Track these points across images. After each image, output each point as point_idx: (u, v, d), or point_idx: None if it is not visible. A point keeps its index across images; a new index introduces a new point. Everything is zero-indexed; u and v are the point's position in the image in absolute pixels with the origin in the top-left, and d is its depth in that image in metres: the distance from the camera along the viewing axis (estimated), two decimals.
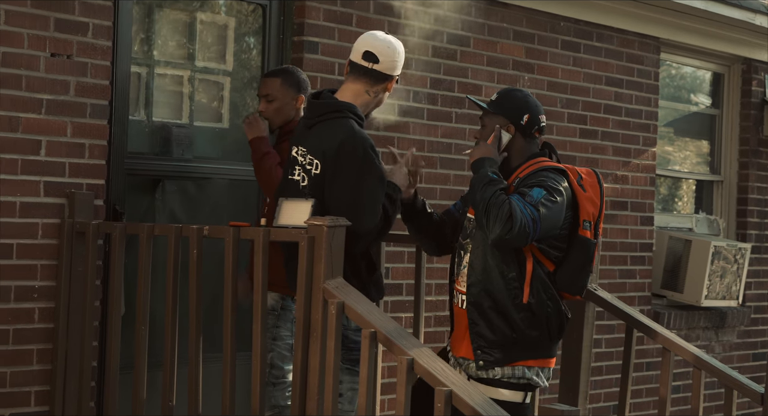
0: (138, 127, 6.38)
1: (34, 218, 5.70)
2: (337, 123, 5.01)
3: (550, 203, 4.87)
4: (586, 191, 5.05)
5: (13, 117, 5.63)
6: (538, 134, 5.15)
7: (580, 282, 5.06)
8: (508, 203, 4.79)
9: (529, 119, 5.11)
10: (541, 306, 4.96)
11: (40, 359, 5.72)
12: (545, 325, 4.98)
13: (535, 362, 5.03)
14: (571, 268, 5.02)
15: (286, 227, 4.89)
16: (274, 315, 5.65)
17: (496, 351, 4.98)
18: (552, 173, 5.01)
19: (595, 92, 8.59)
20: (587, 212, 5.02)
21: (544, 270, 4.98)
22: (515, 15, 7.99)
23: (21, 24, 5.64)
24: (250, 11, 6.85)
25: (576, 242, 5.02)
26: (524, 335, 4.96)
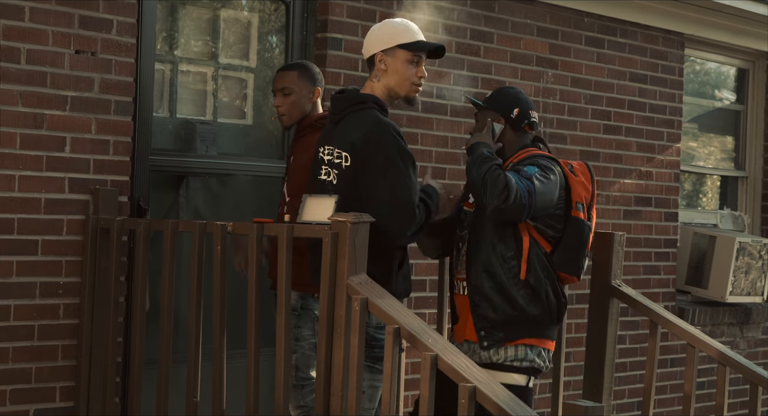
0: (162, 123, 6.39)
1: (59, 215, 5.72)
2: (360, 115, 5.05)
3: (544, 178, 5.11)
4: (577, 176, 5.28)
5: (38, 114, 5.65)
6: (529, 128, 5.39)
7: (576, 262, 5.26)
8: (503, 176, 5.01)
9: (519, 113, 5.36)
10: (540, 283, 5.15)
11: (65, 355, 5.74)
12: (545, 303, 5.17)
13: (537, 341, 5.20)
14: (567, 248, 5.23)
15: (309, 224, 4.89)
16: (295, 314, 5.60)
17: (498, 330, 5.17)
18: (543, 158, 5.25)
19: (619, 88, 8.56)
20: (579, 195, 5.26)
21: (542, 250, 5.19)
22: (539, 11, 7.98)
23: (45, 21, 5.66)
24: (273, 9, 6.86)
25: (570, 222, 5.24)
26: (525, 312, 5.16)
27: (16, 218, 5.58)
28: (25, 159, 5.61)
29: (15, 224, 5.58)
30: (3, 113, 5.54)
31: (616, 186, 8.52)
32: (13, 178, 5.57)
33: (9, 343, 5.57)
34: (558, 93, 8.12)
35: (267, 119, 6.83)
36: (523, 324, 5.17)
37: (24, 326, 5.62)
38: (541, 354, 5.22)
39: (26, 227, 5.62)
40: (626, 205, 8.60)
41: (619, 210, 8.54)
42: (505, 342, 5.18)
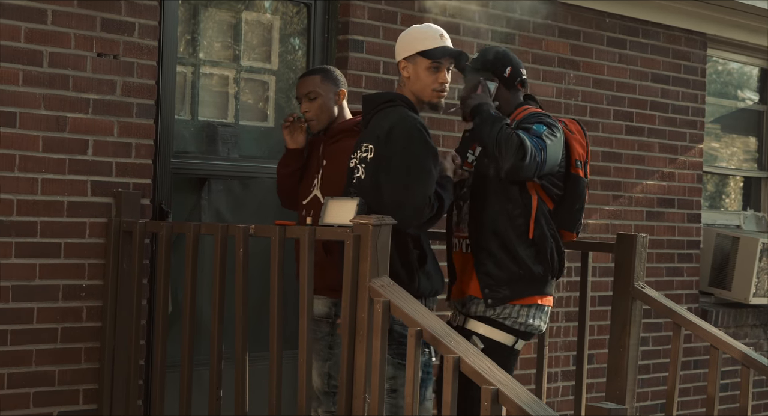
0: (184, 126, 6.40)
1: (82, 218, 5.73)
2: (388, 111, 5.11)
3: (552, 136, 5.20)
4: (573, 133, 5.38)
5: (61, 117, 5.66)
6: (521, 86, 5.47)
7: (576, 219, 5.41)
8: (516, 135, 5.07)
9: (511, 71, 5.43)
10: (545, 242, 5.25)
11: (88, 357, 5.76)
12: (549, 260, 5.27)
13: (540, 298, 5.30)
14: (568, 205, 5.36)
15: (331, 226, 4.89)
16: (329, 322, 5.56)
17: (504, 288, 5.25)
18: (545, 116, 5.31)
19: (642, 89, 8.53)
20: (577, 152, 5.37)
21: (546, 208, 5.29)
22: (561, 12, 7.96)
23: (68, 24, 5.67)
24: (295, 11, 6.86)
25: (571, 180, 5.35)
26: (531, 271, 5.24)
27: (38, 221, 5.60)
28: (47, 162, 5.62)
29: (38, 227, 5.60)
30: (26, 116, 5.55)
31: (639, 187, 8.49)
32: (36, 181, 5.59)
33: (32, 346, 5.59)
34: (580, 94, 8.10)
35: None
36: (528, 282, 5.26)
37: (47, 329, 5.63)
38: (540, 316, 5.30)
39: (49, 230, 5.63)
40: (649, 206, 8.57)
41: (641, 211, 8.51)
42: (509, 300, 5.26)
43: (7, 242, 5.51)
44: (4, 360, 5.50)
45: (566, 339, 7.89)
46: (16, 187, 5.53)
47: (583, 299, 6.26)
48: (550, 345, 7.67)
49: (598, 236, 8.16)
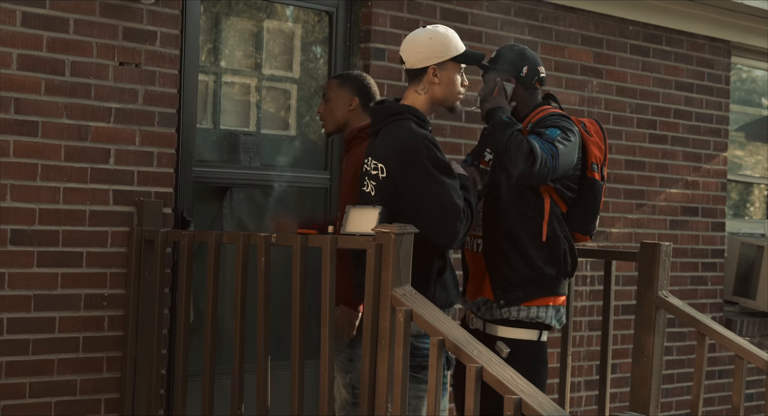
0: (205, 135, 6.40)
1: (104, 227, 5.74)
2: (395, 126, 5.01)
3: (566, 141, 5.17)
4: (591, 135, 5.35)
5: (83, 126, 5.67)
6: (539, 84, 5.45)
7: (590, 222, 5.39)
8: (527, 141, 5.07)
9: (528, 71, 5.40)
10: (558, 244, 5.25)
11: (109, 367, 5.75)
12: (562, 262, 5.28)
13: (553, 299, 5.30)
14: (583, 208, 5.34)
15: (353, 235, 4.88)
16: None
17: (516, 289, 5.25)
18: (561, 118, 5.29)
19: (665, 97, 8.50)
20: (594, 155, 5.33)
21: (559, 210, 5.28)
22: (583, 20, 7.94)
23: (90, 33, 5.68)
24: (317, 20, 6.86)
25: (586, 183, 5.33)
26: (543, 272, 5.26)
27: (60, 230, 5.60)
28: (69, 171, 5.63)
29: (60, 236, 5.60)
30: (48, 125, 5.56)
31: (662, 196, 8.45)
32: (58, 190, 5.59)
33: (54, 355, 5.59)
34: (603, 102, 8.07)
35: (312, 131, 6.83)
36: (540, 284, 5.27)
37: (69, 338, 5.64)
38: (554, 314, 5.31)
39: (71, 239, 5.63)
40: (673, 215, 8.53)
41: (665, 220, 8.47)
42: (522, 302, 5.26)
43: (29, 251, 5.51)
44: (26, 369, 5.51)
45: (589, 348, 7.86)
46: (38, 196, 5.54)
47: (607, 308, 6.23)
48: (574, 354, 7.64)
49: (621, 245, 8.13)
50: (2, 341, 5.45)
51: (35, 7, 5.51)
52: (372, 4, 6.80)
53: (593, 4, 7.90)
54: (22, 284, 5.50)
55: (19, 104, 5.48)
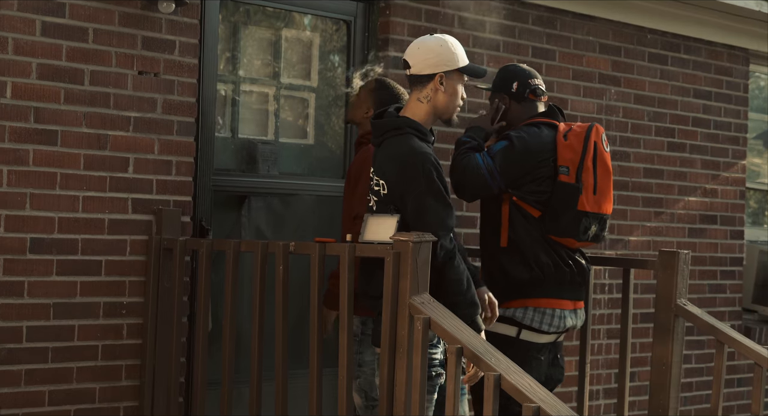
0: (224, 144, 6.42)
1: (123, 235, 5.75)
2: (395, 141, 4.96)
3: (510, 151, 5.38)
4: (567, 140, 5.47)
5: (102, 135, 5.69)
6: (533, 96, 5.61)
7: (563, 225, 5.43)
8: (465, 159, 5.38)
9: (518, 86, 5.61)
10: (527, 248, 5.39)
11: (128, 375, 5.77)
12: (536, 265, 5.39)
13: (533, 302, 5.42)
14: (554, 211, 5.43)
15: (371, 243, 4.88)
16: (356, 340, 5.56)
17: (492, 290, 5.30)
18: (532, 126, 5.50)
19: (683, 105, 8.49)
20: (564, 158, 5.45)
21: (526, 215, 5.42)
22: (601, 28, 7.93)
23: (109, 42, 5.70)
24: (335, 28, 6.87)
25: (557, 186, 5.43)
26: (511, 276, 5.41)
27: (80, 239, 5.62)
28: (89, 180, 5.64)
29: (79, 245, 5.62)
30: (67, 134, 5.58)
31: (681, 204, 8.44)
32: (77, 198, 5.61)
33: (73, 363, 5.60)
34: (621, 110, 8.06)
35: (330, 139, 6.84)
36: (512, 288, 5.41)
37: (88, 346, 5.65)
38: (534, 316, 5.41)
39: (90, 247, 5.65)
40: (691, 223, 8.51)
41: (683, 228, 8.45)
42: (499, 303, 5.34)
43: (48, 260, 5.53)
44: (46, 377, 5.53)
45: (608, 356, 7.84)
46: (57, 205, 5.56)
47: (625, 317, 6.22)
48: (592, 362, 7.63)
49: (639, 253, 8.12)
50: (22, 349, 5.47)
51: (55, 16, 5.54)
52: (390, 13, 6.81)
53: (611, 12, 7.89)
54: (41, 293, 5.52)
55: (38, 113, 5.50)
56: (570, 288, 5.52)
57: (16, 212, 5.45)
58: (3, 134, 5.40)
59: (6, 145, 5.41)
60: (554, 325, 5.45)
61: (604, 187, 5.51)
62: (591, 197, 5.46)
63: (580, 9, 7.72)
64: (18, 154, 5.45)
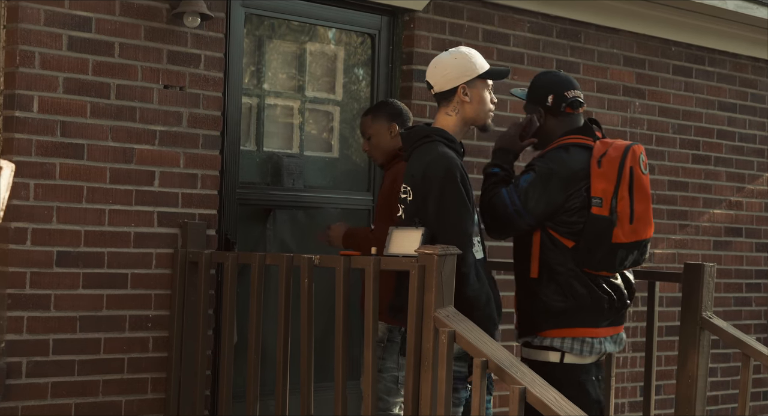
0: (249, 157, 6.43)
1: (148, 248, 5.77)
2: (424, 148, 4.98)
3: (536, 187, 5.12)
4: (601, 167, 5.16)
5: (128, 148, 5.71)
6: (570, 109, 5.31)
7: (596, 257, 5.17)
8: (493, 196, 5.17)
9: (554, 99, 5.29)
10: (563, 277, 5.17)
11: (154, 387, 5.78)
12: (571, 295, 5.18)
13: (568, 332, 5.21)
14: (585, 243, 5.17)
15: (396, 256, 4.88)
16: (380, 346, 5.59)
17: (527, 321, 5.25)
18: (561, 150, 5.20)
19: (708, 117, 8.47)
20: (596, 189, 5.15)
21: (559, 245, 5.18)
22: (625, 40, 7.93)
23: (135, 57, 5.73)
24: (359, 42, 6.89)
25: (588, 220, 5.16)
26: (548, 306, 5.20)
27: (106, 252, 5.65)
28: (115, 193, 5.67)
29: (105, 258, 5.64)
30: (93, 148, 5.61)
31: (706, 216, 8.42)
32: (104, 212, 5.64)
33: (99, 376, 5.62)
34: (645, 123, 8.05)
35: (355, 152, 6.86)
36: (549, 317, 5.21)
37: (114, 359, 5.67)
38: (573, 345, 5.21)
39: (116, 260, 5.67)
40: (716, 235, 8.49)
41: (709, 241, 8.43)
42: (535, 333, 5.24)
43: (74, 273, 5.56)
44: (72, 390, 5.54)
45: (633, 369, 7.82)
46: (83, 218, 5.58)
47: (650, 330, 6.20)
48: (617, 375, 7.61)
49: (665, 266, 8.09)
50: (48, 361, 5.49)
51: (81, 31, 5.57)
52: (414, 27, 6.82)
53: (636, 24, 7.89)
54: (67, 306, 5.54)
55: (65, 127, 5.53)
56: (609, 316, 5.31)
57: (42, 226, 5.47)
58: (30, 148, 5.44)
59: (33, 159, 5.45)
60: (595, 351, 5.27)
61: (642, 213, 5.22)
62: (627, 227, 5.19)
63: (605, 22, 7.72)
64: (44, 168, 5.48)
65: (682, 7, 7.94)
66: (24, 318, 5.43)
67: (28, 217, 5.44)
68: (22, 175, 5.38)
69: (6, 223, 5.35)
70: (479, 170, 7.06)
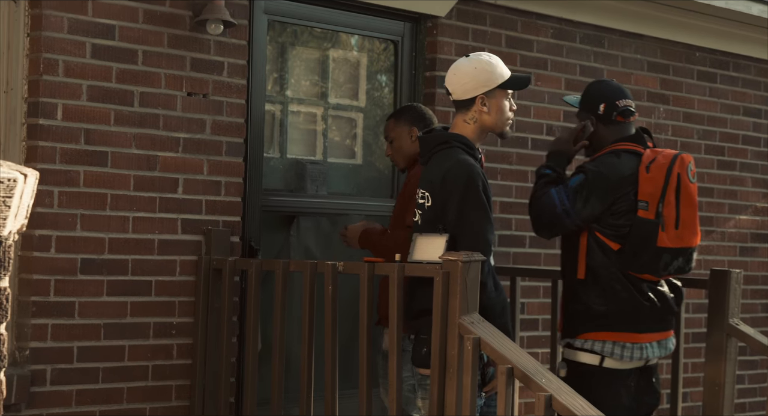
0: (272, 164, 6.43)
1: (172, 256, 5.77)
2: (443, 154, 4.95)
3: (585, 189, 5.20)
4: (649, 172, 5.24)
5: (152, 156, 5.72)
6: (621, 118, 5.39)
7: (642, 262, 5.23)
8: (543, 195, 5.25)
9: (605, 108, 5.38)
10: (606, 281, 5.23)
11: (178, 395, 5.78)
12: (613, 299, 5.23)
13: (609, 335, 5.26)
14: (631, 246, 5.23)
15: (420, 263, 4.87)
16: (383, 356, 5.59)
17: (570, 324, 5.30)
18: (612, 155, 5.29)
19: (733, 123, 8.43)
20: (644, 192, 5.23)
21: (605, 247, 5.25)
22: (650, 46, 7.90)
23: (158, 64, 5.73)
24: (382, 48, 6.88)
25: (635, 223, 5.23)
26: (591, 308, 5.26)
27: (130, 259, 5.65)
28: (138, 201, 5.67)
29: (129, 265, 5.65)
30: (117, 155, 5.61)
31: (732, 223, 8.37)
32: (127, 219, 5.64)
33: (123, 383, 5.62)
34: (670, 129, 8.02)
35: (378, 159, 6.85)
36: (590, 319, 5.26)
37: (138, 366, 5.67)
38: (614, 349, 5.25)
39: (140, 268, 5.68)
40: (742, 242, 8.44)
41: (734, 247, 8.38)
42: (577, 335, 5.30)
43: (98, 280, 5.56)
44: (97, 397, 5.55)
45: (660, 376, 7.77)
46: (107, 225, 5.59)
47: (677, 337, 6.16)
48: None
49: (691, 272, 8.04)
50: (73, 369, 5.49)
51: (104, 39, 5.58)
52: (437, 33, 6.81)
53: (660, 30, 7.86)
54: (92, 313, 5.54)
55: (89, 135, 5.54)
56: (650, 322, 5.33)
57: (66, 233, 5.48)
58: (54, 156, 5.44)
59: (57, 166, 5.45)
60: (635, 356, 5.30)
61: (688, 220, 5.28)
62: (672, 232, 5.24)
63: (628, 27, 7.69)
64: (69, 175, 5.48)
65: (707, 12, 7.90)
66: (48, 325, 5.43)
67: (53, 224, 5.44)
68: (46, 182, 5.39)
69: (30, 230, 5.36)
70: (503, 176, 7.05)
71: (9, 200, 2.45)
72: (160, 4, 5.74)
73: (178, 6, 5.79)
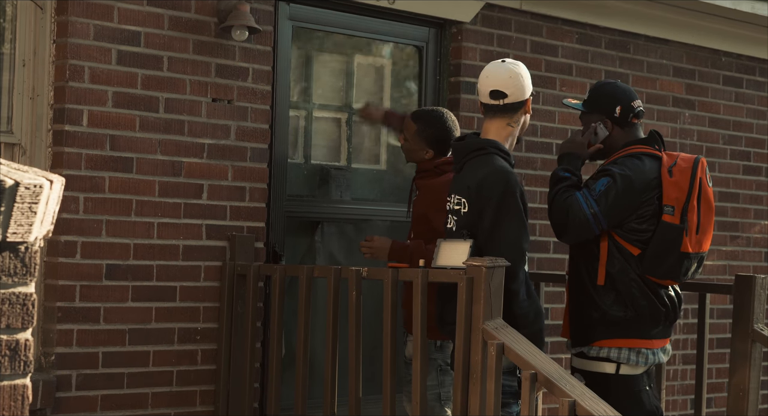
0: (297, 170, 6.44)
1: (197, 261, 5.79)
2: (480, 160, 4.95)
3: (615, 192, 5.09)
4: (672, 176, 5.17)
5: (176, 162, 5.74)
6: (636, 120, 5.33)
7: (665, 266, 5.15)
8: (568, 198, 5.10)
9: (622, 110, 5.29)
10: (625, 287, 5.14)
11: (203, 400, 5.79)
12: (631, 305, 5.16)
13: (625, 342, 5.18)
14: (653, 251, 5.15)
15: (444, 268, 4.87)
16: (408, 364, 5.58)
17: (583, 330, 5.21)
18: (634, 158, 5.20)
19: (759, 128, 8.40)
20: (669, 197, 5.15)
21: (624, 252, 5.16)
22: (675, 51, 7.88)
23: (183, 70, 5.76)
24: (407, 54, 6.89)
25: (660, 225, 5.15)
26: (608, 315, 5.16)
27: (154, 265, 5.67)
28: (163, 206, 5.69)
29: (154, 271, 5.67)
30: (142, 161, 5.64)
31: (757, 228, 8.34)
32: (152, 225, 5.66)
33: (148, 389, 5.64)
34: (695, 134, 8.00)
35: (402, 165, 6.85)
36: (606, 326, 5.18)
37: (163, 371, 5.69)
38: (629, 355, 5.18)
39: (165, 273, 5.69)
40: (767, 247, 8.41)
41: (759, 253, 8.35)
42: (590, 343, 5.21)
43: (123, 286, 5.58)
44: (122, 402, 5.57)
45: (684, 382, 7.76)
46: (132, 231, 5.61)
47: (701, 342, 6.15)
48: (668, 388, 7.55)
49: (715, 278, 8.03)
50: (98, 374, 5.51)
51: (130, 45, 5.60)
52: (462, 38, 6.81)
53: (685, 35, 7.84)
54: (117, 319, 5.57)
55: (114, 141, 5.56)
56: (663, 328, 5.29)
57: (92, 239, 5.50)
58: (79, 162, 5.47)
59: (82, 172, 5.48)
60: (649, 361, 5.25)
61: (706, 225, 5.24)
62: (694, 238, 5.19)
63: (654, 32, 7.68)
64: (94, 181, 5.51)
65: (733, 17, 7.88)
66: (74, 330, 5.46)
67: (78, 230, 5.47)
68: (71, 189, 5.42)
69: (56, 236, 5.39)
70: (527, 181, 7.04)
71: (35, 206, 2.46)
72: (186, 11, 5.77)
73: (203, 12, 5.81)
